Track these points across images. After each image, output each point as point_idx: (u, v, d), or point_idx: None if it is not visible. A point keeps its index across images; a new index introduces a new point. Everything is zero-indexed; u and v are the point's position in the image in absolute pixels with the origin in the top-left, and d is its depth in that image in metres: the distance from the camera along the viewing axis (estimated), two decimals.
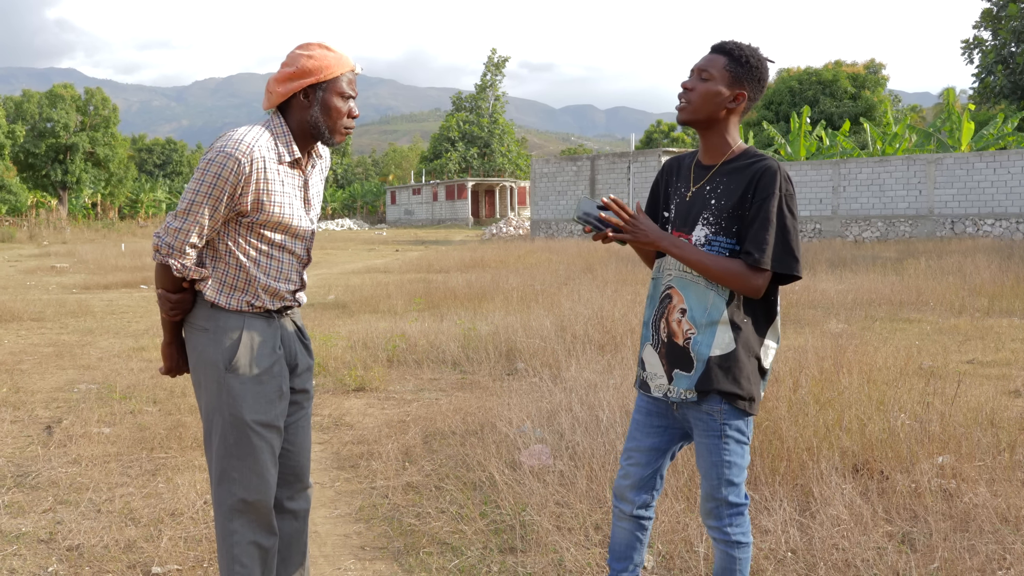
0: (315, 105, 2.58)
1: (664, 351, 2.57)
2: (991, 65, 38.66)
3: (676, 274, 2.56)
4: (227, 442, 2.56)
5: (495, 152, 73.35)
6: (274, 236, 2.60)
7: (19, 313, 11.10)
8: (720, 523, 2.58)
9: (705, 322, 2.49)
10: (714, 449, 2.53)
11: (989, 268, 13.59)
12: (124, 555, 3.58)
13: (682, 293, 2.53)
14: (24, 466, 4.79)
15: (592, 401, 5.21)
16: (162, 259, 2.51)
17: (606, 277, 13.91)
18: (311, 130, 2.61)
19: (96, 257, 22.38)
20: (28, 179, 57.45)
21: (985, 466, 4.14)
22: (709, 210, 2.52)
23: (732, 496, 2.55)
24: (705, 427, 2.54)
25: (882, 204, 27.31)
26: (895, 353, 6.79)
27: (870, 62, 57.23)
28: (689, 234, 2.55)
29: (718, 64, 2.51)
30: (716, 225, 2.50)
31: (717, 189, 2.53)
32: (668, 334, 2.56)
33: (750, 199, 2.46)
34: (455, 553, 3.56)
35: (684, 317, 2.52)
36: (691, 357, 2.50)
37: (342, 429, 5.59)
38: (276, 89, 2.58)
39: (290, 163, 2.61)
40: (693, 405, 2.54)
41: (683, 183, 2.64)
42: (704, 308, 2.49)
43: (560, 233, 34.11)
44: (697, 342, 2.50)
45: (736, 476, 2.54)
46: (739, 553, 2.58)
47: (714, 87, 2.50)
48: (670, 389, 2.56)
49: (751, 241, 2.43)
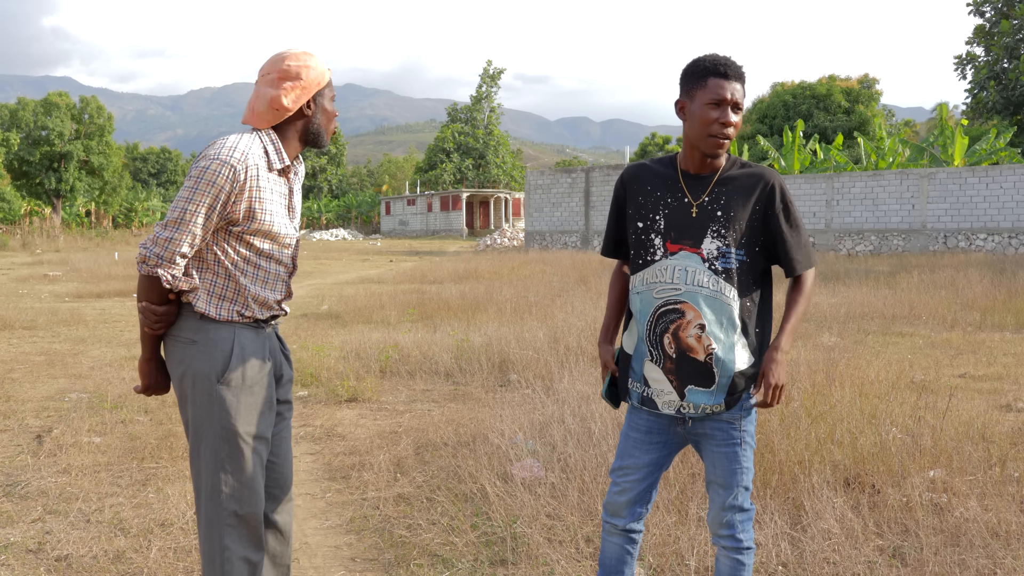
0: (317, 113, 2.61)
1: (673, 367, 2.54)
2: (984, 81, 38.92)
3: (687, 289, 2.52)
4: (218, 455, 2.53)
5: (490, 163, 73.48)
6: (262, 245, 2.59)
7: (11, 321, 11.06)
8: (733, 531, 2.58)
9: (724, 336, 2.50)
10: (733, 457, 2.55)
11: (981, 282, 13.64)
12: (113, 565, 3.56)
13: (699, 308, 2.50)
14: (14, 475, 4.76)
15: (585, 413, 5.21)
16: (150, 270, 2.45)
17: (600, 289, 13.92)
18: (311, 137, 2.63)
19: (89, 266, 22.31)
20: (22, 187, 57.29)
21: (976, 480, 4.15)
22: (717, 223, 2.52)
23: (746, 502, 2.58)
24: (725, 436, 2.55)
25: (875, 218, 27.41)
26: (887, 367, 6.80)
27: (864, 77, 57.49)
28: (697, 247, 2.52)
29: (742, 93, 2.51)
30: (729, 238, 2.51)
31: (720, 200, 2.53)
32: (679, 350, 2.52)
33: (759, 210, 2.52)
34: (446, 565, 3.55)
35: (704, 332, 2.50)
36: (713, 372, 2.50)
37: (334, 440, 5.58)
38: (283, 104, 2.55)
39: (279, 171, 2.61)
40: (709, 418, 2.55)
41: (670, 193, 2.59)
42: (722, 322, 2.50)
43: (554, 245, 34.14)
44: (720, 358, 2.50)
45: (750, 481, 2.58)
46: (747, 559, 2.59)
47: (743, 114, 2.55)
48: (684, 405, 2.55)
49: (797, 253, 2.57)
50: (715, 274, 2.50)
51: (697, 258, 2.53)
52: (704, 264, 2.51)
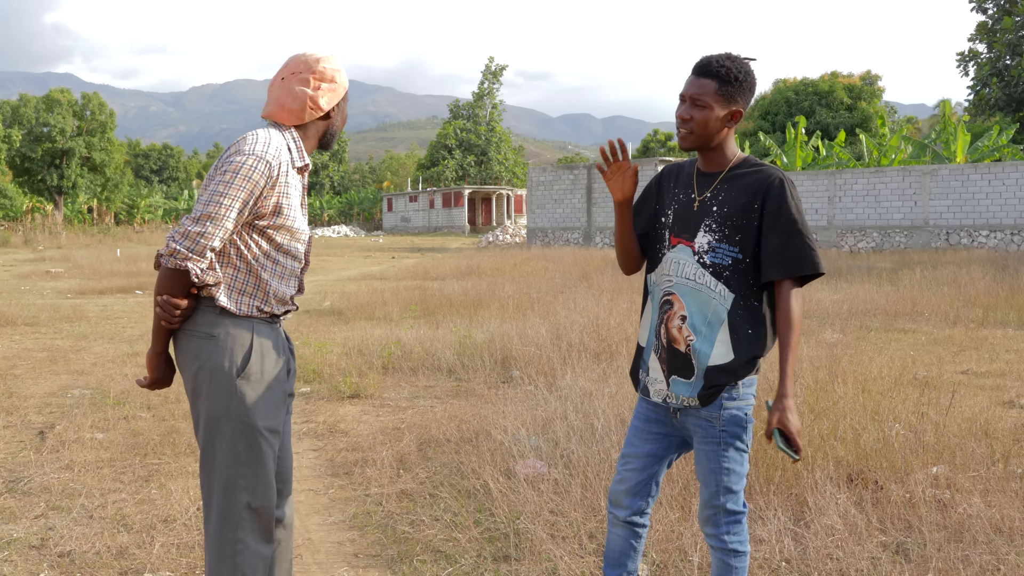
0: (338, 116, 2.71)
1: (664, 356, 2.58)
2: (986, 77, 38.83)
3: (677, 280, 2.56)
4: (235, 449, 2.53)
5: (492, 160, 73.43)
6: (282, 240, 2.61)
7: (13, 318, 11.07)
8: (718, 531, 2.57)
9: (705, 329, 2.50)
10: (713, 456, 2.53)
11: (984, 279, 13.62)
12: (116, 561, 3.56)
13: (683, 300, 2.54)
14: (16, 471, 4.76)
15: (587, 409, 5.21)
16: (178, 263, 2.42)
17: (602, 286, 13.92)
18: (327, 139, 2.72)
19: (91, 262, 22.33)
20: (24, 184, 57.32)
21: (979, 476, 4.14)
22: (712, 217, 2.54)
23: (730, 504, 2.55)
24: (705, 434, 2.54)
25: (877, 215, 27.38)
26: (890, 363, 6.79)
27: (866, 73, 57.43)
28: (691, 240, 2.55)
29: (709, 89, 2.50)
30: (719, 232, 2.51)
31: (719, 196, 2.55)
32: (668, 340, 2.56)
33: (757, 210, 2.49)
34: (449, 561, 3.55)
35: (684, 324, 2.53)
36: (692, 364, 2.51)
37: (336, 436, 5.58)
38: (319, 105, 2.62)
39: (299, 168, 2.64)
40: (693, 411, 2.55)
41: (683, 190, 2.65)
42: (704, 315, 2.50)
43: (556, 241, 34.14)
44: (697, 349, 2.50)
45: (735, 484, 2.54)
46: (736, 562, 2.57)
47: (711, 113, 2.51)
48: (669, 395, 2.58)
49: (798, 256, 2.45)
50: (703, 268, 2.52)
51: (689, 251, 2.56)
52: (694, 257, 2.54)
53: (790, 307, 2.45)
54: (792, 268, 2.46)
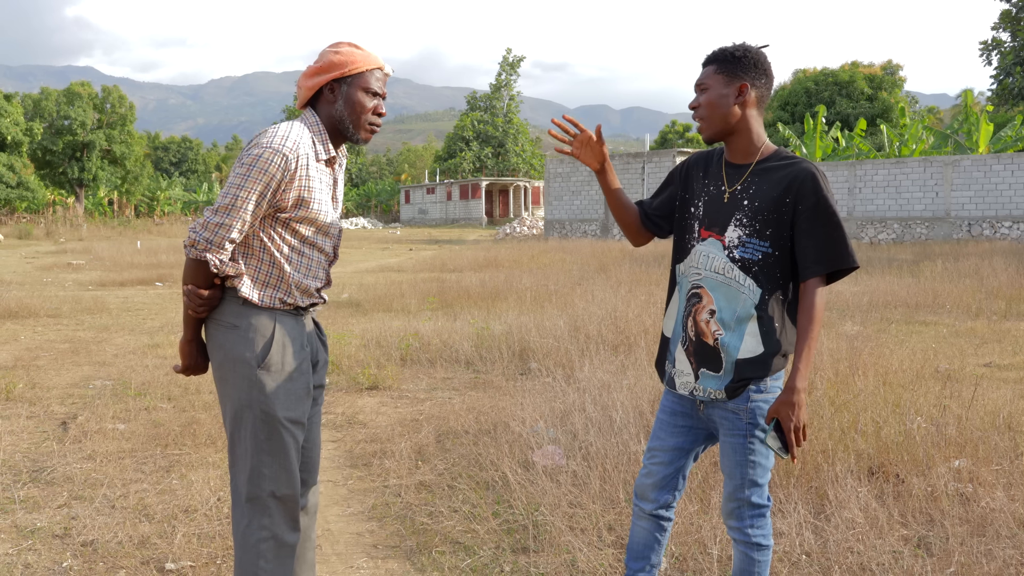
0: (339, 99, 2.62)
1: (692, 349, 2.57)
2: (1010, 67, 38.37)
3: (705, 274, 2.55)
4: (258, 438, 2.56)
5: (509, 152, 73.32)
6: (307, 233, 2.62)
7: (36, 309, 11.18)
8: (742, 523, 2.57)
9: (734, 323, 2.49)
10: (739, 448, 2.52)
11: (1007, 271, 13.49)
12: (138, 551, 3.59)
13: (712, 293, 2.53)
14: (39, 461, 4.82)
15: (606, 402, 5.20)
16: (199, 254, 2.47)
17: (620, 278, 13.89)
18: (337, 125, 2.65)
19: (112, 254, 22.51)
20: (45, 176, 57.88)
21: (1002, 470, 4.10)
22: (742, 211, 2.51)
23: (755, 497, 2.54)
24: (731, 426, 2.53)
25: (898, 206, 27.14)
26: (911, 356, 6.74)
27: (887, 63, 56.86)
28: (721, 235, 2.53)
29: (709, 72, 2.56)
30: (750, 227, 2.49)
31: (749, 190, 2.52)
32: (696, 333, 2.56)
33: (790, 204, 2.46)
34: (467, 552, 3.56)
35: (713, 318, 2.52)
36: (721, 358, 2.50)
37: (355, 427, 5.60)
38: (304, 84, 2.63)
39: (326, 161, 2.64)
40: (719, 404, 2.54)
41: (713, 181, 2.62)
42: (734, 310, 2.49)
43: (574, 233, 34.08)
44: (725, 343, 2.49)
45: (760, 477, 2.53)
46: (759, 555, 2.56)
47: (715, 92, 2.53)
48: (696, 387, 2.57)
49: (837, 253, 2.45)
50: (732, 262, 2.50)
51: (719, 245, 2.53)
52: (724, 251, 2.52)
53: (815, 301, 2.44)
54: (830, 264, 2.46)
